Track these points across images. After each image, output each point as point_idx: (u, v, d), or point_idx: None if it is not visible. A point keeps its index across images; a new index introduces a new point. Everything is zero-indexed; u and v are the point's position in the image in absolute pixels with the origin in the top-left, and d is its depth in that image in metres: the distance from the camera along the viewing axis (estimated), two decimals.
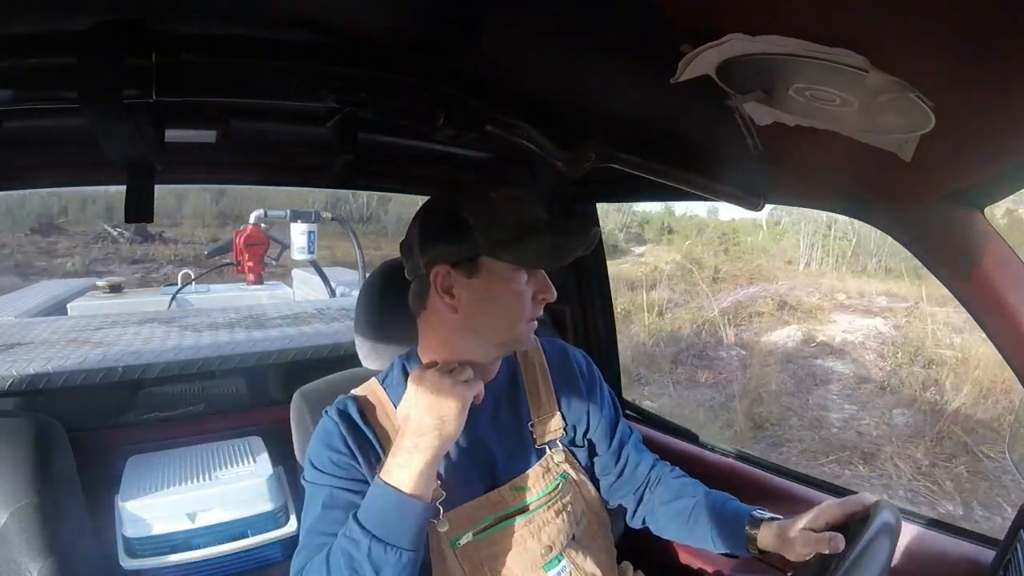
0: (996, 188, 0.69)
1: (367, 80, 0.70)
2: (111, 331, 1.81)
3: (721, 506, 0.86)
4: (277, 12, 0.67)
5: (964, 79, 0.45)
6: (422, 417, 0.70)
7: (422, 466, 0.69)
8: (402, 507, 0.68)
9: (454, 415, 0.71)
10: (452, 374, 0.73)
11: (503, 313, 0.77)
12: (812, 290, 7.00)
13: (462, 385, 0.72)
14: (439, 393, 0.71)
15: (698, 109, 0.72)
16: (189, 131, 0.99)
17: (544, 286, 0.79)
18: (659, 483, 0.94)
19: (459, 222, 0.75)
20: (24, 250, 11.32)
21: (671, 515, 0.90)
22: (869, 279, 7.55)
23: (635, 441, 0.97)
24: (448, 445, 0.72)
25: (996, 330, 0.76)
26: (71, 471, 1.01)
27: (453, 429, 0.71)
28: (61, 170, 1.09)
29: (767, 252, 9.16)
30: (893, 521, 0.64)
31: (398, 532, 0.67)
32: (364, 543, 0.66)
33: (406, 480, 0.69)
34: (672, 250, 9.92)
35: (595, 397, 0.94)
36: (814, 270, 8.44)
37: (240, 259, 3.90)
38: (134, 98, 0.58)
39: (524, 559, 0.80)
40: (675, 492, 0.91)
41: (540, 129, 0.84)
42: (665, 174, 0.91)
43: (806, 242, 9.07)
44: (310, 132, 1.03)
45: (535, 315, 0.80)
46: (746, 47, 0.48)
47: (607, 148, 0.86)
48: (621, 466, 0.94)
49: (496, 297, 0.76)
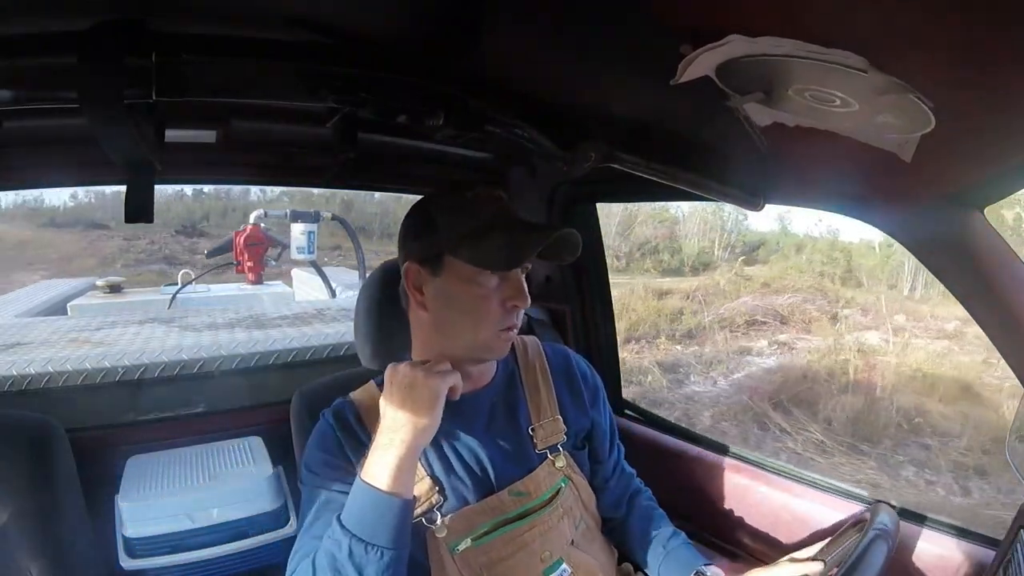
0: (996, 188, 0.68)
1: (367, 80, 0.69)
2: (111, 331, 1.81)
3: (677, 554, 0.90)
4: (277, 12, 0.67)
5: (964, 79, 0.45)
6: (396, 412, 0.69)
7: (397, 461, 0.67)
8: (379, 505, 0.67)
9: (426, 407, 0.69)
10: (425, 366, 0.72)
11: (466, 315, 0.75)
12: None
13: (436, 377, 0.70)
14: (412, 386, 0.70)
15: (698, 109, 0.72)
16: (189, 131, 0.99)
17: (515, 292, 0.75)
18: (635, 507, 0.96)
19: (429, 220, 0.76)
20: (170, 247, 12.91)
21: (642, 544, 0.93)
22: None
23: (621, 454, 0.99)
24: (423, 438, 0.70)
25: (996, 329, 0.76)
26: (71, 471, 1.00)
27: (427, 422, 0.69)
28: (61, 170, 1.09)
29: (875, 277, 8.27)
30: (890, 525, 0.64)
31: (377, 530, 0.66)
32: (345, 543, 0.65)
33: (382, 477, 0.67)
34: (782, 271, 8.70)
35: (597, 407, 0.94)
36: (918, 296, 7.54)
37: (240, 259, 3.89)
38: (134, 98, 0.58)
39: (524, 565, 0.79)
40: (647, 521, 0.94)
41: (540, 129, 0.84)
42: (665, 174, 0.91)
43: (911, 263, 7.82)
44: (310, 132, 1.03)
45: (507, 323, 0.76)
46: (746, 48, 0.48)
47: (607, 148, 0.86)
48: (608, 480, 0.95)
49: (458, 297, 0.74)
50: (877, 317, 6.40)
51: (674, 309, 7.30)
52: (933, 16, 0.39)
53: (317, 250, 3.75)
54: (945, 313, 6.14)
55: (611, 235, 10.62)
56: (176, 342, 1.64)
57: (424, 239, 0.76)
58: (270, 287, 3.99)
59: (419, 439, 0.69)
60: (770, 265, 9.65)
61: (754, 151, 0.73)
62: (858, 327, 6.31)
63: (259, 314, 2.19)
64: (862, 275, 8.46)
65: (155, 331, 1.83)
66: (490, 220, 0.74)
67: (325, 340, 1.66)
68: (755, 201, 0.93)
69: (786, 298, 7.16)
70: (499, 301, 0.74)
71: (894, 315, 6.33)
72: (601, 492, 0.94)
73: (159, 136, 0.69)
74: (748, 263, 9.41)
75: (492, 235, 0.72)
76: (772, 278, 8.10)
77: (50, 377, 1.31)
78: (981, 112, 0.48)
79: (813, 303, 7.11)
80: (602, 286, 1.51)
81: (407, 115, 0.76)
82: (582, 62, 0.74)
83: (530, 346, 0.93)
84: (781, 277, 8.15)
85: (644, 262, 10.96)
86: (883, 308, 6.38)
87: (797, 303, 7.06)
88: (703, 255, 11.16)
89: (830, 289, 7.65)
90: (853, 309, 6.97)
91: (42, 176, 1.10)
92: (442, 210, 0.76)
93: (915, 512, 0.96)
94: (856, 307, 7.06)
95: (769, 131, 0.63)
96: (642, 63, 0.67)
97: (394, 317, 0.89)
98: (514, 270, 0.75)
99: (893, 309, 6.50)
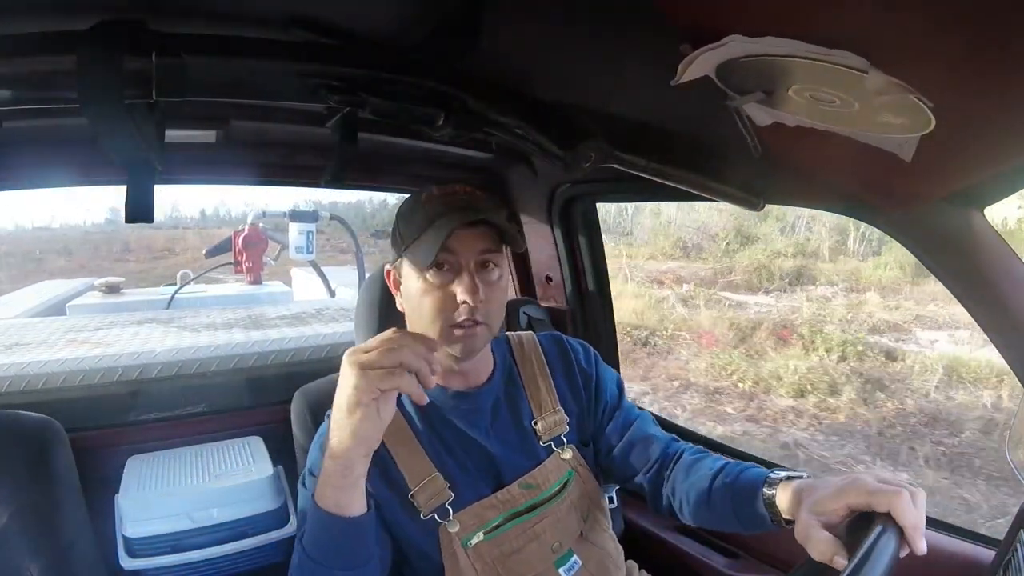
0: (996, 188, 0.69)
1: (367, 80, 0.69)
2: (110, 331, 1.80)
3: (736, 476, 0.76)
4: (277, 12, 0.67)
5: (964, 79, 0.45)
6: (332, 417, 0.61)
7: (326, 476, 0.61)
8: (326, 526, 0.62)
9: (345, 416, 0.58)
10: (359, 363, 0.58)
11: (420, 312, 0.74)
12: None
13: (370, 378, 0.57)
14: (341, 388, 0.60)
15: (698, 109, 0.72)
16: (189, 131, 0.99)
17: (464, 288, 0.71)
18: (677, 464, 0.85)
19: (395, 224, 0.79)
20: (368, 249, 13.72)
21: (689, 495, 0.81)
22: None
23: (644, 422, 0.91)
24: (353, 453, 0.60)
25: (996, 329, 0.76)
26: (71, 471, 1.00)
27: (349, 435, 0.58)
28: (61, 170, 1.09)
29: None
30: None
31: (328, 552, 0.63)
32: (306, 564, 0.63)
33: (322, 494, 0.62)
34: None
35: (594, 383, 0.91)
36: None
37: (239, 259, 3.88)
38: (134, 98, 0.58)
39: (535, 556, 0.80)
40: (691, 470, 0.82)
41: (540, 129, 0.84)
42: (665, 174, 0.91)
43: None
44: (310, 132, 1.03)
45: (457, 319, 0.72)
46: (746, 48, 0.48)
47: (607, 148, 0.86)
48: (626, 447, 0.88)
49: (412, 295, 0.76)
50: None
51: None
52: (933, 16, 0.39)
53: (318, 250, 3.74)
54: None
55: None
56: (175, 342, 1.64)
57: (393, 243, 0.80)
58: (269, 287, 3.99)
59: (348, 452, 0.59)
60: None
61: (754, 151, 0.73)
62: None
63: (258, 314, 2.19)
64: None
65: (154, 331, 1.82)
66: (431, 217, 0.73)
67: (324, 340, 1.66)
68: (755, 201, 0.93)
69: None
70: (449, 296, 0.73)
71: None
72: (620, 463, 0.88)
73: (159, 136, 0.69)
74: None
75: (427, 233, 0.72)
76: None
77: (50, 377, 1.31)
78: (981, 112, 0.48)
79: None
80: (602, 286, 1.51)
81: (407, 115, 0.76)
82: (582, 62, 0.74)
83: (526, 341, 0.93)
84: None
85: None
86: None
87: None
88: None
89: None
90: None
91: (42, 176, 1.10)
92: (400, 215, 0.79)
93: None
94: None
95: (769, 131, 0.63)
96: (642, 63, 0.67)
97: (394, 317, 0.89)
98: (465, 262, 0.73)
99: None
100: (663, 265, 8.29)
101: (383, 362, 0.58)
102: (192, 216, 14.01)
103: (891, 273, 6.96)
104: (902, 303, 6.28)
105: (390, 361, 0.58)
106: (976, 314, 0.77)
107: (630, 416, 0.92)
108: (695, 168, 0.90)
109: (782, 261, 7.66)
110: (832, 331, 5.60)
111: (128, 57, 0.56)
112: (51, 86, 0.58)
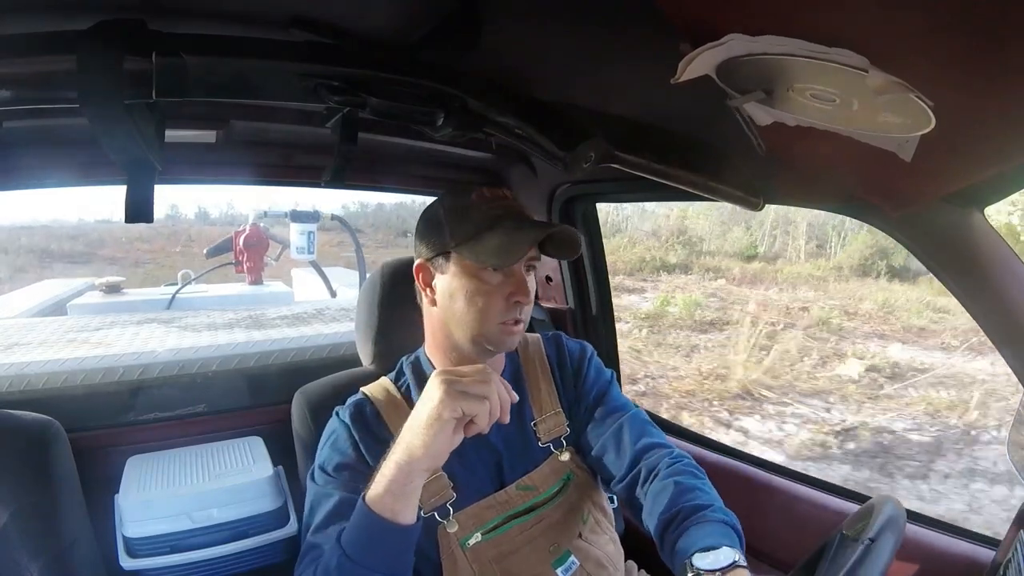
0: (996, 188, 0.69)
1: (367, 80, 0.70)
2: (111, 331, 1.80)
3: (678, 536, 0.73)
4: (277, 12, 0.67)
5: (964, 79, 0.45)
6: (408, 423, 0.65)
7: (388, 484, 0.64)
8: (373, 528, 0.64)
9: (423, 428, 0.62)
10: (455, 380, 0.63)
11: (470, 308, 0.78)
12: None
13: (451, 397, 0.61)
14: (427, 399, 0.64)
15: (698, 109, 0.72)
16: (189, 131, 0.99)
17: (516, 287, 0.77)
18: (650, 484, 0.80)
19: (437, 221, 0.80)
20: (393, 248, 14.21)
21: (652, 530, 0.78)
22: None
23: (629, 425, 0.86)
24: (418, 464, 0.63)
25: (996, 329, 0.76)
26: (71, 471, 1.00)
27: (420, 447, 0.62)
28: (61, 170, 1.09)
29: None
30: (897, 516, 0.63)
31: (371, 554, 0.64)
32: (345, 563, 0.64)
33: (377, 499, 0.64)
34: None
35: (581, 383, 0.90)
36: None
37: (239, 259, 3.88)
38: (134, 98, 0.58)
39: (533, 557, 0.80)
40: (656, 500, 0.78)
41: (540, 129, 0.84)
42: (665, 174, 0.91)
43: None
44: (310, 132, 1.04)
45: (510, 316, 0.78)
46: (746, 47, 0.48)
47: (607, 148, 0.86)
48: (600, 451, 0.85)
49: (462, 292, 0.78)
50: None
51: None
52: (933, 16, 0.39)
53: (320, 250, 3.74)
54: None
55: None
56: (176, 342, 1.64)
57: (433, 239, 0.80)
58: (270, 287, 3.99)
59: (414, 463, 0.63)
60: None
61: (754, 151, 0.73)
62: None
63: (258, 314, 2.19)
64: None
65: (154, 331, 1.82)
66: (491, 219, 0.77)
67: (325, 340, 1.66)
68: (755, 201, 0.93)
69: None
70: (502, 295, 0.77)
71: None
72: (604, 459, 0.85)
73: (159, 136, 0.69)
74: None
75: (491, 233, 0.76)
76: None
77: (50, 377, 1.31)
78: (981, 112, 0.48)
79: None
80: (602, 286, 1.51)
81: (407, 115, 0.77)
82: (582, 62, 0.74)
83: (530, 342, 0.93)
84: None
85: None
86: None
87: None
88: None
89: None
90: None
91: (42, 176, 1.10)
92: (448, 211, 0.80)
93: (915, 512, 0.96)
94: None
95: (769, 131, 0.63)
96: (642, 62, 0.67)
97: (394, 317, 0.89)
98: (517, 266, 0.78)
99: None
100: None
101: (473, 389, 0.63)
102: (244, 213, 14.94)
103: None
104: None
105: (479, 390, 0.63)
106: (976, 314, 0.77)
107: (610, 419, 0.87)
108: (695, 168, 0.90)
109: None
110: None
111: (128, 57, 0.56)
112: (51, 86, 0.58)
